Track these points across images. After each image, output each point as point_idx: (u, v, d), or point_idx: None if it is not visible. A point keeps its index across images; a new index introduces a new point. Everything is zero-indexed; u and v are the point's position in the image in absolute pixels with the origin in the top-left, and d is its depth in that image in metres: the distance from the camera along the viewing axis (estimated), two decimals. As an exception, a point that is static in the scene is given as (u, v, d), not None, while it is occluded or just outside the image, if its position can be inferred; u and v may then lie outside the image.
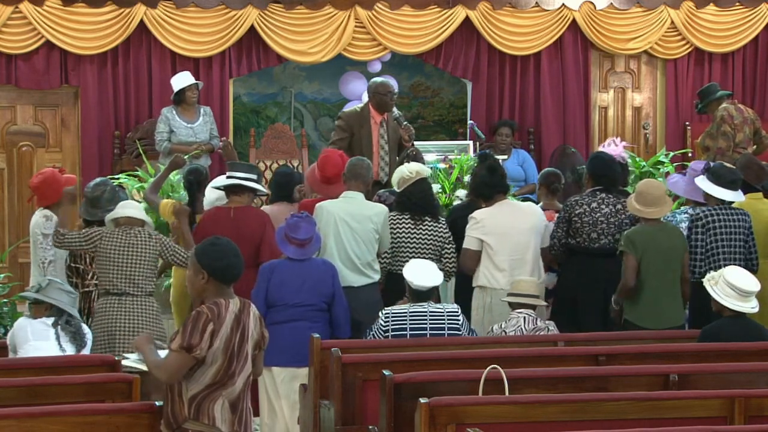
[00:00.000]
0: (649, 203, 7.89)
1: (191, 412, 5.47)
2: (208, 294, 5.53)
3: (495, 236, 8.16)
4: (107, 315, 7.88)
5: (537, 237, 8.28)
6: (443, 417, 5.55)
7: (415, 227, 8.41)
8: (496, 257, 8.15)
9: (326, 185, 8.58)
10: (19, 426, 5.55)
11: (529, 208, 8.46)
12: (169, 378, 5.46)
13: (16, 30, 11.74)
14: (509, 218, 8.22)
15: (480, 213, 8.26)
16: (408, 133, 10.12)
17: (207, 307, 5.47)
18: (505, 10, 12.61)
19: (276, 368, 7.67)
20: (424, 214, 8.44)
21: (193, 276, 5.54)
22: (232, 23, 12.12)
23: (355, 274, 8.12)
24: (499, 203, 8.30)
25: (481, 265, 8.20)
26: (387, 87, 10.14)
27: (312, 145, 13.23)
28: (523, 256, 8.18)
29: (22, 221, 11.59)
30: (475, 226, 8.22)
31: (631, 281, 7.83)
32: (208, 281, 5.51)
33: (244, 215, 8.21)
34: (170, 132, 11.12)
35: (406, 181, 8.48)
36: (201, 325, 5.42)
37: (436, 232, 8.42)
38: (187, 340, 5.39)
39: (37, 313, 7.27)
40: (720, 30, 13.00)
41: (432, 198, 8.56)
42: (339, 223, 8.13)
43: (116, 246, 7.87)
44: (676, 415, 5.71)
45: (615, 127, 13.03)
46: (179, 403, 5.48)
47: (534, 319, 7.53)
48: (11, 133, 11.98)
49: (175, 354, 5.42)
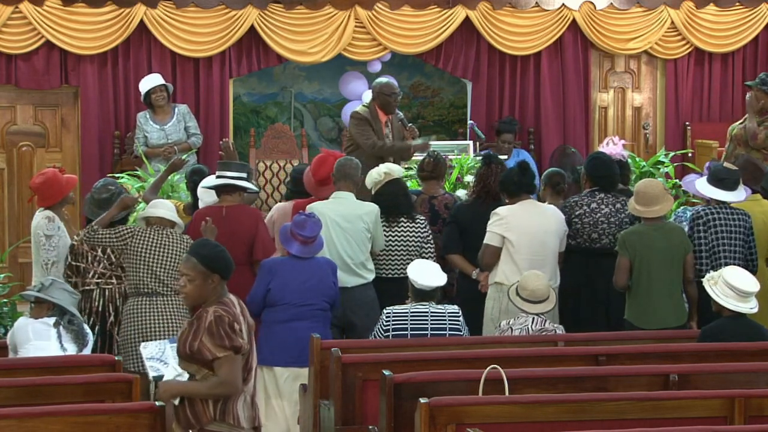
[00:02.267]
0: (649, 202, 7.89)
1: (216, 412, 5.40)
2: (213, 296, 5.45)
3: (517, 234, 8.11)
4: (139, 315, 7.88)
5: (556, 240, 8.23)
6: (443, 417, 5.55)
7: (389, 229, 8.39)
8: (516, 255, 8.11)
9: (320, 187, 8.58)
10: (19, 426, 5.55)
11: (552, 211, 8.36)
12: (235, 389, 5.36)
13: (16, 30, 11.73)
14: (533, 218, 8.18)
15: (504, 209, 8.21)
16: (412, 135, 10.15)
17: (221, 309, 5.39)
18: (505, 10, 12.61)
19: (278, 368, 7.68)
20: (398, 215, 8.42)
21: (202, 282, 5.41)
22: (232, 23, 12.12)
23: (349, 275, 8.11)
24: (523, 202, 8.25)
25: (501, 262, 8.16)
26: (392, 88, 10.18)
27: (312, 145, 13.22)
28: (544, 257, 8.12)
29: (22, 221, 11.59)
30: (498, 222, 8.16)
31: (621, 281, 7.85)
32: (218, 285, 5.45)
33: (236, 214, 8.21)
34: (145, 137, 11.21)
35: (378, 183, 8.50)
36: (228, 326, 5.33)
37: (413, 231, 8.40)
38: (229, 343, 5.31)
39: (38, 314, 7.27)
40: (720, 30, 12.99)
41: (404, 198, 8.52)
42: (330, 224, 8.12)
43: (147, 245, 7.89)
44: (676, 415, 5.71)
45: (615, 127, 13.02)
46: (202, 404, 5.40)
47: (543, 320, 7.48)
48: (11, 133, 11.98)
49: (227, 362, 5.32)
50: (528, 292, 7.49)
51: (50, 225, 8.42)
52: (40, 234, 8.42)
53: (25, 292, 7.64)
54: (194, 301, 5.49)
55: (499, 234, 8.15)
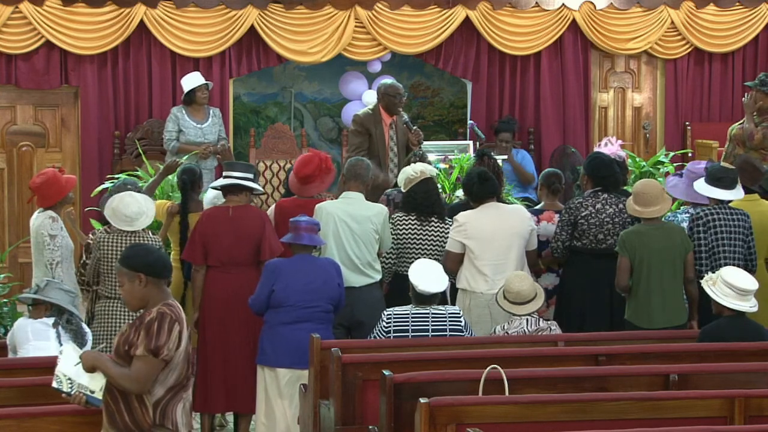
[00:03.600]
0: (647, 203, 7.90)
1: (156, 417, 5.38)
2: (151, 298, 5.43)
3: (476, 240, 8.11)
4: (108, 317, 7.97)
5: (520, 241, 8.18)
6: (443, 417, 5.55)
7: (420, 227, 8.41)
8: (477, 261, 8.10)
9: (303, 186, 8.58)
10: (19, 426, 5.56)
11: (515, 212, 8.35)
12: (141, 387, 5.33)
13: (16, 30, 11.74)
14: (493, 222, 8.15)
15: (463, 216, 8.21)
16: (417, 137, 10.17)
17: (166, 308, 5.38)
18: (505, 10, 12.61)
19: (281, 370, 7.67)
20: (429, 214, 8.44)
21: (129, 285, 5.42)
22: (232, 23, 12.12)
23: (356, 275, 8.11)
24: (485, 206, 8.23)
25: (464, 268, 8.16)
26: (396, 89, 10.20)
27: (312, 145, 13.22)
28: (505, 260, 8.10)
29: (22, 221, 11.59)
30: (458, 229, 8.17)
31: (622, 281, 7.86)
32: (147, 283, 5.42)
33: (242, 214, 8.21)
34: (179, 131, 11.14)
35: (411, 181, 8.48)
36: (167, 326, 5.32)
37: (443, 232, 8.40)
38: (154, 344, 5.29)
39: (36, 315, 7.27)
40: (720, 30, 13.00)
41: (437, 198, 8.54)
42: (338, 224, 8.13)
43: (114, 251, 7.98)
44: (676, 415, 5.71)
45: (615, 127, 13.03)
46: (141, 409, 5.38)
47: (537, 320, 7.49)
48: (11, 133, 11.98)
49: (142, 361, 5.31)
50: (513, 294, 7.50)
51: (54, 225, 8.44)
52: (44, 234, 8.42)
53: (21, 295, 7.64)
54: (134, 306, 5.50)
55: (459, 241, 8.16)
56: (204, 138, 11.15)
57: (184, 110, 11.24)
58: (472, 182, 8.33)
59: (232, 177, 8.28)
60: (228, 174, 8.33)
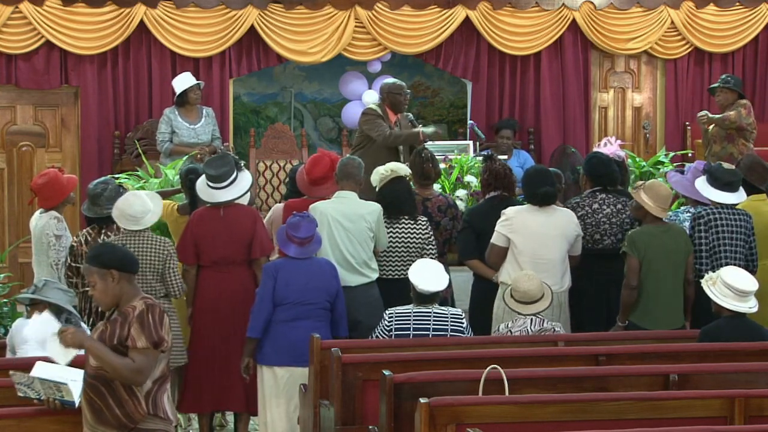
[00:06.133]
0: (659, 201, 7.84)
1: (149, 407, 5.43)
2: (124, 294, 5.47)
3: (521, 235, 8.09)
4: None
5: (564, 243, 8.15)
6: (443, 417, 5.54)
7: (391, 228, 8.37)
8: (519, 257, 8.09)
9: (313, 186, 8.56)
10: (18, 426, 5.56)
11: (564, 214, 8.29)
12: (143, 379, 5.38)
13: (16, 30, 11.74)
14: (539, 219, 8.14)
15: (512, 210, 8.21)
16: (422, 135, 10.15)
17: (151, 301, 5.44)
18: (505, 10, 12.62)
19: (279, 368, 7.67)
20: (399, 213, 8.40)
21: (102, 283, 5.44)
22: (232, 23, 12.12)
23: (352, 274, 8.10)
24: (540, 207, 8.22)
25: (506, 262, 8.15)
26: (401, 87, 10.21)
27: (312, 145, 13.22)
28: (548, 260, 8.07)
29: (22, 221, 11.59)
30: (504, 223, 8.16)
31: (633, 282, 7.83)
32: (120, 279, 5.45)
33: (234, 213, 8.21)
34: (172, 133, 11.10)
35: (382, 180, 8.46)
36: (158, 318, 5.38)
37: (414, 231, 8.37)
38: (155, 336, 5.35)
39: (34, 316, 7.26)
40: (720, 30, 13.00)
41: (407, 197, 8.45)
42: (332, 224, 8.11)
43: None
44: (676, 415, 5.71)
45: (615, 127, 13.03)
46: (132, 401, 5.41)
47: (541, 320, 7.47)
48: (11, 133, 11.99)
49: (144, 353, 5.35)
50: (520, 293, 7.49)
51: (59, 225, 8.45)
52: (49, 234, 8.42)
53: (19, 296, 7.63)
54: (108, 304, 5.53)
55: (504, 234, 8.14)
56: (197, 138, 11.11)
57: (177, 111, 11.19)
58: (535, 185, 8.23)
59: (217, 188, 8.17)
60: (213, 185, 8.15)
